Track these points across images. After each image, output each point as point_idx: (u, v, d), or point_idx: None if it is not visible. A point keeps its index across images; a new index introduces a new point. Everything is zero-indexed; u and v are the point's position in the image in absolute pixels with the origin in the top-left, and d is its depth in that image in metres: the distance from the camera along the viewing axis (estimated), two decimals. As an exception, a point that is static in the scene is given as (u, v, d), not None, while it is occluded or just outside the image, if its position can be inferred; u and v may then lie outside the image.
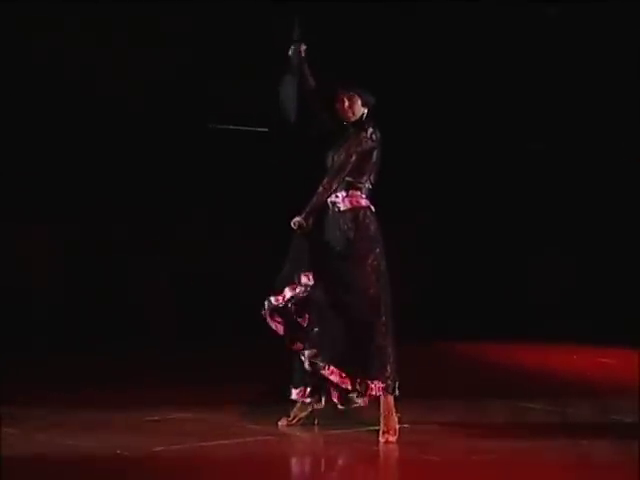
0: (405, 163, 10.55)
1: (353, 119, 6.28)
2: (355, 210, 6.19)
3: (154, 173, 10.56)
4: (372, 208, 6.26)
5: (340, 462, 5.88)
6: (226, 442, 5.89)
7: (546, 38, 11.82)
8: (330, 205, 6.26)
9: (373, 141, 6.23)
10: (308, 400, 6.25)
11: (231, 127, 10.73)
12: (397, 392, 6.09)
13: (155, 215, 10.66)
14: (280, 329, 6.14)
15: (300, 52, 6.39)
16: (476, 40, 11.64)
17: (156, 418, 6.42)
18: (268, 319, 6.14)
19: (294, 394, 6.25)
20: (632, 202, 11.98)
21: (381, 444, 5.96)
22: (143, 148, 10.49)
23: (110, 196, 10.40)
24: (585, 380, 8.64)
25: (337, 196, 6.22)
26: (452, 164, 11.94)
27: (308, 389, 6.21)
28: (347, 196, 6.20)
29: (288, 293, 6.09)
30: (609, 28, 11.63)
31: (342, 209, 6.21)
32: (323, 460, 5.96)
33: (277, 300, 6.10)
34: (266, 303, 6.12)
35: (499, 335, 10.57)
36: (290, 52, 6.40)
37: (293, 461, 5.85)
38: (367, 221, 6.20)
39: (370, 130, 6.25)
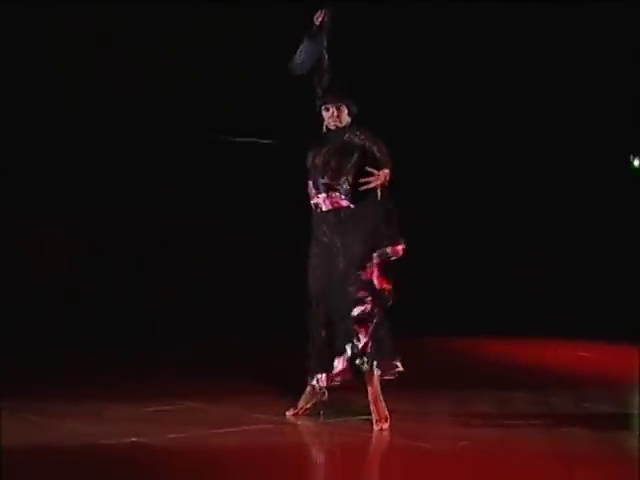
0: (404, 166, 10.69)
1: (339, 127, 6.35)
2: (336, 210, 6.26)
3: (166, 181, 10.60)
4: (352, 207, 6.27)
5: (336, 449, 5.91)
6: (235, 430, 5.92)
7: (545, 48, 11.92)
8: (314, 207, 6.33)
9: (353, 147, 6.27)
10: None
11: (237, 139, 10.71)
12: (364, 367, 6.15)
13: (166, 220, 10.74)
14: None
15: (325, 15, 6.34)
16: (477, 45, 11.71)
17: (168, 408, 6.44)
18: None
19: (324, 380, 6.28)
20: (614, 208, 12.20)
21: (375, 432, 6.02)
22: (156, 158, 10.51)
23: (123, 201, 10.45)
24: (566, 372, 8.71)
25: (319, 197, 6.29)
26: (445, 167, 12.06)
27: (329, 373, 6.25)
28: (327, 197, 6.26)
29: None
30: (606, 39, 11.73)
31: (324, 209, 6.28)
32: (320, 447, 6.03)
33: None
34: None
35: (487, 331, 10.64)
36: (315, 15, 6.36)
37: (294, 448, 5.86)
38: (348, 220, 6.24)
39: (351, 136, 6.29)
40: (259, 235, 10.82)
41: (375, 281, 6.20)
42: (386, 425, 6.13)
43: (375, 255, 6.20)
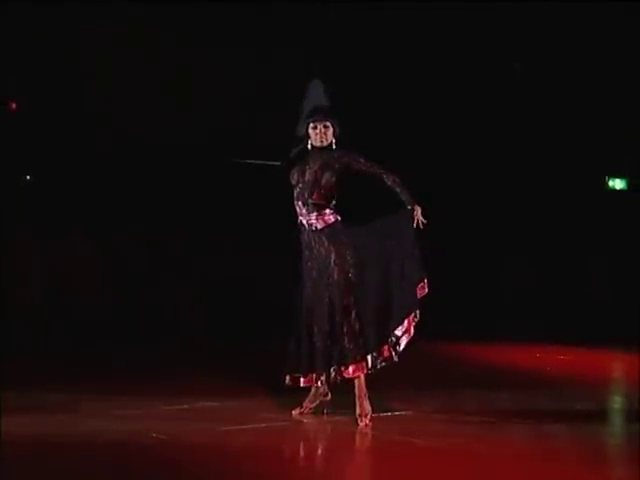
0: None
1: (324, 144, 6.21)
2: (328, 227, 6.19)
3: (182, 204, 10.73)
4: (339, 218, 6.23)
5: (337, 446, 5.89)
6: (245, 427, 5.95)
7: (524, 75, 12.02)
8: (307, 226, 6.22)
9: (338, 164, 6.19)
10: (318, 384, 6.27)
11: (249, 161, 10.76)
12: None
13: (182, 237, 10.87)
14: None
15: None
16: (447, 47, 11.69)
17: (185, 407, 6.48)
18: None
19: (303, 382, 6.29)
20: (590, 225, 12.27)
21: (373, 430, 6.02)
22: (178, 184, 10.67)
23: (145, 222, 10.62)
24: (546, 374, 8.74)
25: (310, 217, 6.20)
26: (433, 181, 12.10)
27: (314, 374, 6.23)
28: (319, 215, 6.18)
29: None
30: (585, 66, 11.76)
31: (319, 227, 6.20)
32: (323, 444, 6.04)
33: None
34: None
35: (472, 336, 10.64)
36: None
37: (299, 445, 5.92)
38: (340, 235, 6.19)
39: (335, 154, 6.20)
40: (270, 248, 10.79)
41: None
42: (367, 420, 6.13)
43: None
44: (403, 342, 6.24)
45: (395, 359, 6.23)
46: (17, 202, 9.95)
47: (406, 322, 6.23)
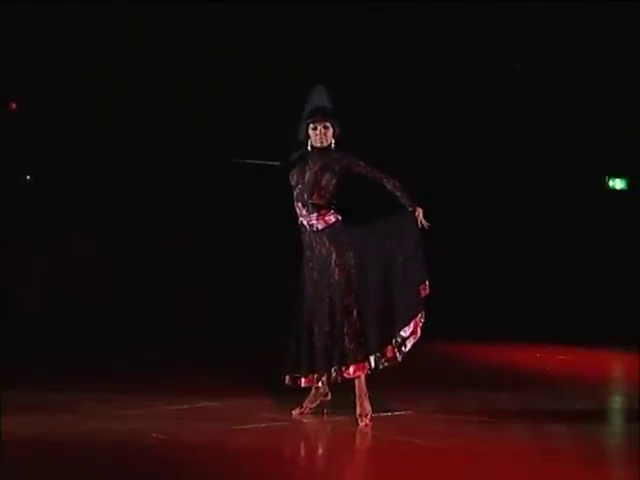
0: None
1: (324, 145, 6.20)
2: (329, 228, 6.19)
3: (182, 203, 10.75)
4: (340, 218, 6.23)
5: (337, 446, 5.92)
6: (245, 427, 5.96)
7: (525, 76, 12.06)
8: (307, 227, 6.24)
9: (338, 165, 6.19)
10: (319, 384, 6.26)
11: (249, 161, 10.73)
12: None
13: (182, 237, 10.89)
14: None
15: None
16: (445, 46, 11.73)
17: (185, 407, 6.50)
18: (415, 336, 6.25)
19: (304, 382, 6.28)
20: (590, 225, 12.28)
21: (372, 429, 6.02)
22: (178, 183, 10.68)
23: (144, 222, 10.64)
24: (546, 374, 8.72)
25: (310, 218, 6.20)
26: (433, 181, 12.12)
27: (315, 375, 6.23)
28: (320, 216, 6.19)
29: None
30: (585, 67, 11.79)
31: (320, 228, 6.20)
32: (323, 444, 6.05)
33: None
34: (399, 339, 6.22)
35: (472, 336, 10.62)
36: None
37: (299, 445, 5.94)
38: (340, 235, 6.20)
39: (335, 155, 6.19)
40: (270, 248, 10.80)
41: None
42: (367, 420, 6.13)
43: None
44: (409, 343, 6.25)
45: (399, 360, 6.24)
46: (17, 202, 9.94)
47: (412, 323, 6.24)
